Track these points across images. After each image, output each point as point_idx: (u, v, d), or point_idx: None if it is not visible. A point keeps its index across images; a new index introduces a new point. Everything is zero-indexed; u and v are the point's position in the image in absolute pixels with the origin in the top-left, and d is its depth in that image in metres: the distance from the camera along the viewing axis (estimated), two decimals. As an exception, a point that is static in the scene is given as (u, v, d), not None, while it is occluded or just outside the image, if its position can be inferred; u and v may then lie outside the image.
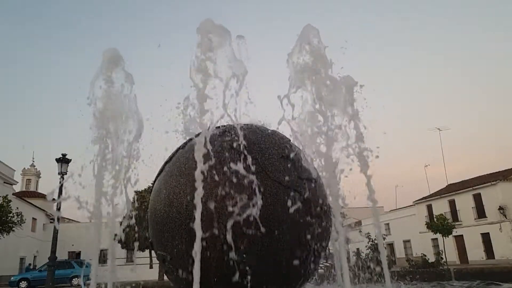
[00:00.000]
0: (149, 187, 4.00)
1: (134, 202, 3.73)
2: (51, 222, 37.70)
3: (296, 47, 3.67)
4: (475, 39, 67.35)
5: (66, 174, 16.55)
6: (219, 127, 3.64)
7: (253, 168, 3.18)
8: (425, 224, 29.52)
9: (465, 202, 35.29)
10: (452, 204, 36.89)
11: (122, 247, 24.42)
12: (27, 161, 71.80)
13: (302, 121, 3.80)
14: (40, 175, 48.85)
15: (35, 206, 38.13)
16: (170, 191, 3.46)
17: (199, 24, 3.37)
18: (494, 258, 31.27)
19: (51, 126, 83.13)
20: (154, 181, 3.91)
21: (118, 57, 3.81)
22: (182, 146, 3.77)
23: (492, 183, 32.34)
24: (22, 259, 35.04)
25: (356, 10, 76.03)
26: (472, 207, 34.42)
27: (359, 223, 43.26)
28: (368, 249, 16.50)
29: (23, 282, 25.66)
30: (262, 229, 3.09)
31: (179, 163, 3.59)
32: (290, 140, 3.79)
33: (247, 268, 3.10)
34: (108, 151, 3.70)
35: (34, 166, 48.65)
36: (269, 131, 3.81)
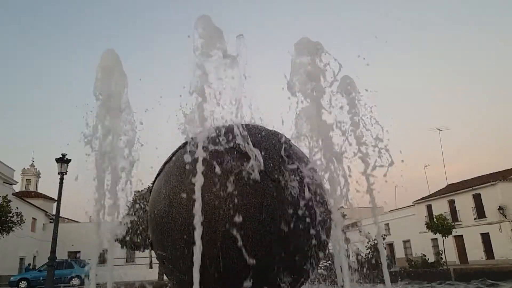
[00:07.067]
0: (149, 187, 3.99)
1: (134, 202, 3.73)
2: (51, 222, 37.64)
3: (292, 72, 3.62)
4: (475, 39, 67.42)
5: (66, 174, 16.55)
6: (218, 126, 3.63)
7: (253, 168, 3.18)
8: (425, 224, 29.51)
9: (464, 202, 35.29)
10: (451, 204, 36.90)
11: (122, 247, 24.48)
12: (27, 161, 71.90)
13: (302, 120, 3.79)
14: (40, 175, 48.82)
15: (35, 206, 38.11)
16: (170, 191, 3.45)
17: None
18: (493, 258, 31.28)
19: (51, 126, 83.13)
20: (154, 181, 3.90)
21: (116, 60, 3.80)
22: (182, 146, 3.77)
23: (492, 183, 32.35)
24: (21, 259, 35.02)
25: (356, 9, 76.08)
26: (472, 207, 34.42)
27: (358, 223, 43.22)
28: (368, 249, 16.54)
29: (22, 282, 25.69)
30: (262, 229, 3.09)
31: (179, 163, 3.59)
32: (290, 140, 3.78)
33: (247, 268, 3.10)
34: (108, 152, 3.70)
35: (34, 166, 48.62)
36: (269, 130, 3.80)
